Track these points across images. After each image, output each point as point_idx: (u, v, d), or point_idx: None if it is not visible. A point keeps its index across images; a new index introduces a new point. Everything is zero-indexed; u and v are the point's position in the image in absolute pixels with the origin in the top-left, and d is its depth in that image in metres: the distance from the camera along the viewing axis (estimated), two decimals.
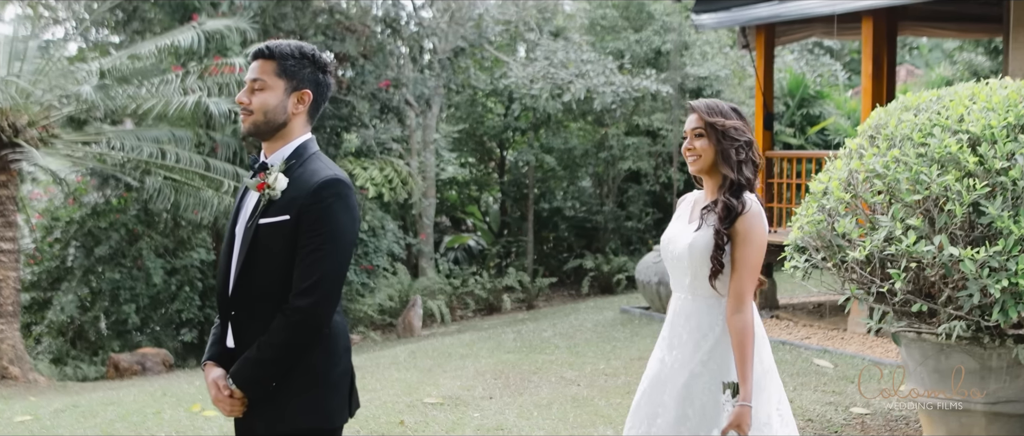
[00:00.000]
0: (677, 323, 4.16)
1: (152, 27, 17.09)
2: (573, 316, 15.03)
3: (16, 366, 13.57)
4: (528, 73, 18.04)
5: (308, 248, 3.47)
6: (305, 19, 17.60)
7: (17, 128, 13.59)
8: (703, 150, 4.04)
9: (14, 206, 14.02)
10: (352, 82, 18.13)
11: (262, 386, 3.54)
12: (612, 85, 17.53)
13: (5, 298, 13.79)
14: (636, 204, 20.92)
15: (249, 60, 3.72)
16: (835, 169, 6.40)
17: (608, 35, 20.50)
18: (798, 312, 12.86)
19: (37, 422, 8.35)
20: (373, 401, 8.63)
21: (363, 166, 17.33)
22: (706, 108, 4.08)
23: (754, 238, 3.96)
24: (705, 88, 19.23)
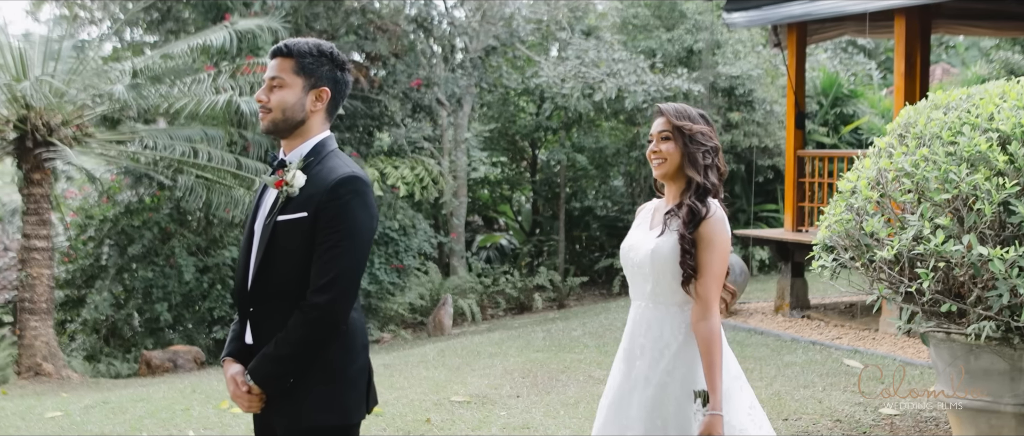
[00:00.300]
0: (637, 333, 4.06)
1: (186, 27, 17.22)
2: (603, 315, 14.99)
3: (50, 363, 13.71)
4: (559, 72, 18.01)
5: (326, 245, 3.48)
6: (337, 18, 17.66)
7: (51, 127, 13.72)
8: (669, 153, 3.96)
9: (48, 205, 14.16)
10: (384, 81, 18.18)
11: (280, 382, 3.55)
12: (643, 84, 17.47)
13: (39, 296, 13.93)
14: None
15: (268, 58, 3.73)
16: (864, 168, 6.35)
17: (640, 34, 20.43)
18: (829, 312, 12.78)
19: (67, 418, 8.43)
20: (400, 399, 8.65)
21: (394, 165, 17.37)
22: (674, 111, 4.01)
23: (718, 243, 3.90)
24: (737, 87, 19.15)
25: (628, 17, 20.89)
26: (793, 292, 12.90)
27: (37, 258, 13.96)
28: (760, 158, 19.86)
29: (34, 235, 13.99)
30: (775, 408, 7.77)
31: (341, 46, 17.17)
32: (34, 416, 8.58)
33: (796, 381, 8.80)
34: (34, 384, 13.21)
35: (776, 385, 8.64)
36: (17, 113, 13.81)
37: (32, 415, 8.64)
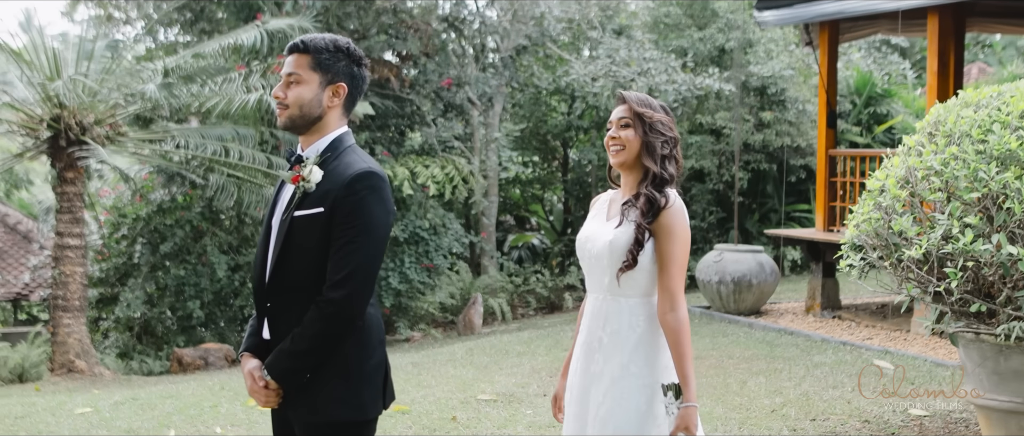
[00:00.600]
0: (595, 326, 3.93)
1: (219, 27, 17.33)
2: None
3: (82, 360, 13.82)
4: (589, 71, 17.97)
5: (342, 241, 3.48)
6: (368, 18, 17.70)
7: (84, 126, 13.83)
8: (628, 141, 3.85)
9: (81, 203, 14.29)
10: (415, 81, 18.21)
11: (296, 378, 3.56)
12: (674, 83, 17.40)
13: (72, 293, 14.05)
14: (700, 203, 20.76)
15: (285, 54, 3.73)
16: (892, 166, 6.29)
17: (672, 33, 20.36)
18: (861, 312, 12.68)
19: (97, 414, 8.48)
20: (427, 397, 8.65)
21: (425, 164, 17.39)
22: (636, 99, 3.91)
23: (678, 232, 3.79)
24: (769, 86, 19.05)
25: (660, 16, 20.82)
26: (824, 292, 12.81)
27: (70, 256, 14.08)
28: (792, 158, 19.74)
29: (67, 233, 14.11)
30: (803, 408, 7.71)
31: (372, 45, 17.22)
32: (64, 412, 8.65)
33: (825, 381, 8.73)
34: (67, 381, 13.33)
35: (805, 385, 8.57)
36: (51, 112, 13.94)
37: (62, 411, 8.71)
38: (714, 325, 12.65)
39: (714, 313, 13.32)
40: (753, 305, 13.23)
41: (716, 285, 13.20)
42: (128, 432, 7.69)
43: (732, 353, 10.41)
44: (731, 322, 12.68)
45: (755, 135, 19.24)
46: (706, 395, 8.30)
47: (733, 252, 13.41)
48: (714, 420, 7.48)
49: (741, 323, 12.50)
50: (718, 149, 20.10)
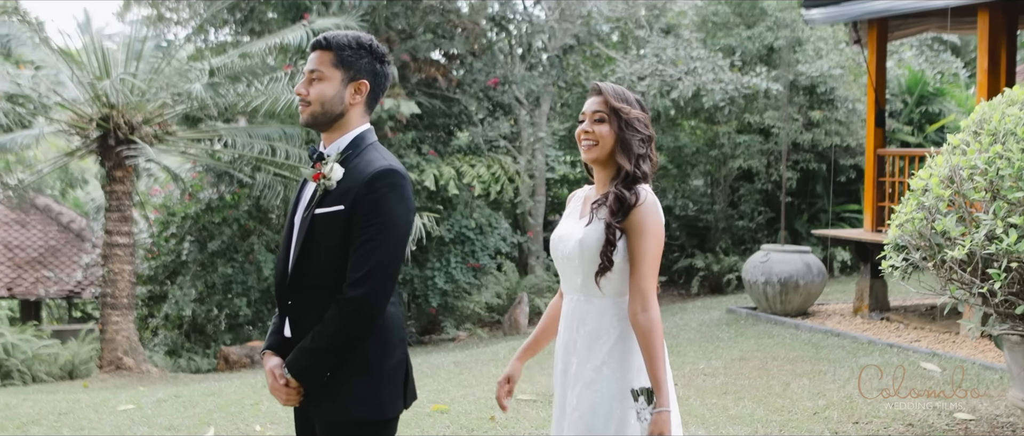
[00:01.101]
0: (571, 328, 3.80)
1: (270, 27, 17.43)
2: (679, 315, 14.86)
3: (130, 357, 13.97)
4: (635, 70, 17.86)
5: (361, 239, 3.46)
6: (415, 17, 17.74)
7: (132, 125, 13.98)
8: (602, 136, 3.69)
9: (130, 202, 14.44)
10: (462, 80, 18.22)
11: (316, 376, 3.55)
12: (721, 83, 17.26)
13: (120, 291, 14.20)
14: (748, 203, 20.60)
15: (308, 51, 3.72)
16: (936, 166, 6.20)
17: (720, 31, 20.21)
18: (909, 314, 12.49)
19: (139, 411, 8.55)
20: (467, 397, 8.64)
21: (471, 163, 17.39)
22: (613, 92, 3.74)
23: (651, 230, 3.63)
24: (818, 85, 18.84)
25: (708, 14, 20.67)
26: (872, 293, 12.64)
27: (119, 254, 14.24)
28: (842, 157, 19.52)
29: (116, 231, 14.27)
30: (846, 411, 7.61)
31: (418, 45, 17.25)
32: (107, 409, 8.73)
33: (870, 384, 8.61)
34: (115, 378, 13.47)
35: (849, 388, 8.46)
36: (100, 112, 14.09)
37: (105, 408, 8.79)
38: (760, 326, 12.53)
39: (760, 314, 13.19)
40: (800, 306, 13.09)
41: (762, 286, 13.07)
42: (168, 429, 7.75)
43: (776, 355, 10.31)
44: (777, 323, 12.56)
45: (804, 134, 19.04)
46: (748, 397, 8.22)
47: (780, 252, 13.28)
48: (755, 422, 7.40)
49: (787, 324, 12.37)
50: (767, 149, 19.93)
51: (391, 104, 16.16)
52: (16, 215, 22.11)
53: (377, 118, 16.20)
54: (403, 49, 17.35)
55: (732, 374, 9.33)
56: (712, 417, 7.59)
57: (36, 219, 22.41)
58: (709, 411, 7.79)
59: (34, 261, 21.31)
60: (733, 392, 8.47)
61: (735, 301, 15.58)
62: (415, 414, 8.00)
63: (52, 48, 14.47)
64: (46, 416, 8.40)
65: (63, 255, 21.62)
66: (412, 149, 17.43)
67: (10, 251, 21.58)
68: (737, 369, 9.59)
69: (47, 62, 14.42)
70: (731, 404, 8.00)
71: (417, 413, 8.03)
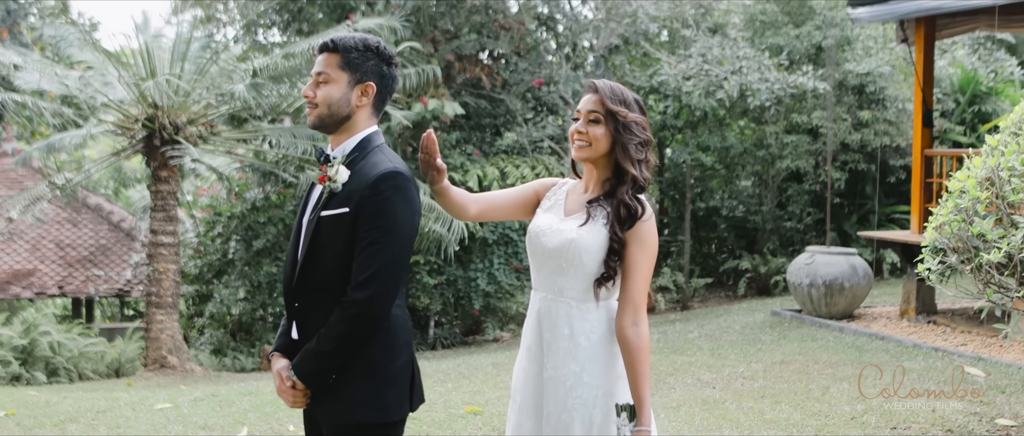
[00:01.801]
0: (544, 329, 3.68)
1: (317, 27, 17.50)
2: (723, 317, 14.73)
3: (174, 356, 14.08)
4: (680, 70, 17.72)
5: (366, 241, 3.45)
6: (460, 17, 17.73)
7: (177, 126, 14.09)
8: (597, 138, 3.57)
9: (175, 201, 14.57)
10: (507, 80, 18.19)
11: (321, 378, 3.55)
12: (767, 82, 17.07)
13: (165, 290, 14.33)
14: (796, 204, 20.38)
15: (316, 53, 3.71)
16: (974, 167, 6.07)
17: (768, 31, 20.01)
18: (957, 318, 12.28)
19: (175, 410, 8.60)
20: (502, 398, 8.60)
21: (515, 164, 17.34)
22: (611, 93, 3.61)
23: (649, 243, 3.55)
24: (867, 84, 18.59)
25: (755, 13, 20.48)
26: (919, 296, 12.43)
27: (164, 253, 14.36)
28: (892, 158, 19.27)
29: (161, 231, 14.40)
30: (884, 416, 7.48)
31: (463, 45, 17.24)
32: (145, 407, 8.78)
33: (910, 388, 8.46)
34: (159, 376, 13.59)
35: (889, 392, 8.31)
36: (145, 112, 14.22)
37: (143, 406, 8.84)
38: (804, 329, 12.39)
39: (805, 317, 13.04)
40: (845, 309, 12.91)
41: (807, 288, 12.92)
42: (203, 428, 7.78)
43: (818, 358, 10.17)
44: (821, 326, 12.40)
45: (853, 134, 18.80)
46: (785, 401, 8.11)
47: (825, 254, 13.11)
48: (790, 426, 7.29)
49: (831, 327, 12.21)
50: (815, 149, 19.72)
51: (435, 104, 16.17)
52: (68, 214, 22.40)
53: (421, 118, 16.22)
54: (448, 49, 17.35)
55: (771, 377, 9.22)
56: (747, 421, 7.50)
57: (87, 218, 22.68)
58: (744, 415, 7.70)
59: (85, 260, 21.55)
60: (771, 396, 8.36)
61: (781, 303, 15.42)
62: (448, 415, 7.98)
63: (99, 49, 14.61)
64: (84, 414, 8.47)
65: (113, 254, 21.84)
66: (456, 149, 17.42)
67: (61, 250, 21.85)
68: (777, 372, 9.48)
69: (95, 63, 14.58)
70: (768, 408, 7.90)
71: (450, 414, 8.01)
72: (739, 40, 18.32)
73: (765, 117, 19.51)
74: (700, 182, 22.12)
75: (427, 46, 17.41)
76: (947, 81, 20.02)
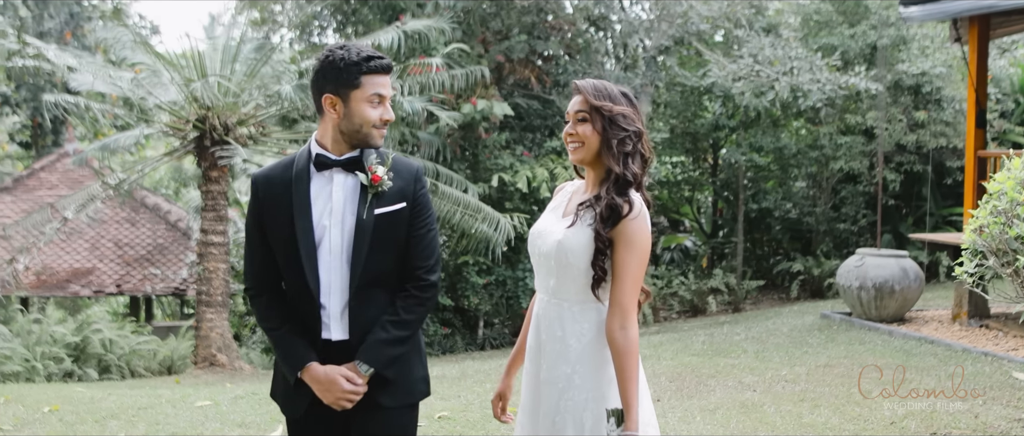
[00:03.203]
0: (541, 330, 3.66)
1: (371, 28, 17.59)
2: (772, 320, 14.59)
3: (223, 354, 14.23)
4: (729, 71, 17.55)
5: (423, 230, 3.73)
6: (511, 18, 17.73)
7: (227, 126, 14.22)
8: (586, 136, 3.53)
9: (225, 201, 14.71)
10: (556, 81, 18.16)
11: (398, 363, 3.72)
12: (818, 83, 16.86)
13: (215, 289, 14.47)
14: (850, 205, 20.14)
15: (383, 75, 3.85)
16: (1014, 168, 5.95)
17: (822, 30, 19.77)
18: (1011, 322, 12.03)
19: (215, 407, 8.68)
20: None
21: (564, 165, 17.29)
22: (593, 89, 3.57)
23: (639, 243, 3.46)
24: (923, 85, 18.31)
25: (809, 13, 20.25)
26: (972, 300, 12.20)
27: (214, 252, 14.51)
28: (949, 159, 18.96)
29: (211, 230, 14.55)
30: (925, 421, 7.35)
31: (512, 46, 17.24)
32: (185, 405, 8.87)
33: (910, 389, 8.35)
34: (208, 374, 13.73)
35: (932, 397, 8.18)
36: (196, 113, 14.38)
37: (184, 404, 8.94)
38: (852, 332, 12.22)
39: (854, 320, 12.87)
40: (896, 312, 12.72)
41: (856, 290, 12.74)
42: (239, 426, 7.85)
43: (864, 362, 10.02)
44: (871, 329, 12.23)
45: (908, 135, 18.53)
46: (825, 405, 8.01)
47: (875, 256, 12.92)
48: (827, 431, 7.21)
49: (881, 331, 12.04)
50: (869, 150, 19.46)
51: (484, 105, 16.18)
52: (126, 214, 22.74)
53: (470, 119, 16.24)
54: (498, 50, 17.36)
55: (814, 381, 9.11)
56: (783, 424, 7.41)
57: (145, 218, 23.01)
58: (781, 418, 7.61)
59: (142, 259, 21.86)
60: (810, 399, 8.26)
61: (833, 306, 15.24)
62: (482, 415, 7.98)
63: (151, 51, 14.79)
64: (126, 410, 8.58)
65: (170, 253, 22.13)
66: (506, 150, 17.42)
67: (120, 249, 22.17)
68: (820, 376, 9.36)
69: (148, 65, 14.76)
70: (806, 411, 7.81)
71: (485, 414, 8.01)
72: (791, 40, 18.11)
73: (819, 118, 19.31)
74: (754, 183, 21.93)
75: (477, 47, 17.43)
76: (1007, 81, 19.66)
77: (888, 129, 18.32)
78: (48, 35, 30.79)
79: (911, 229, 19.27)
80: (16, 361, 13.04)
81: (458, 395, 9.14)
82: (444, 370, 11.67)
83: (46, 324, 14.30)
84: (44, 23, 31.53)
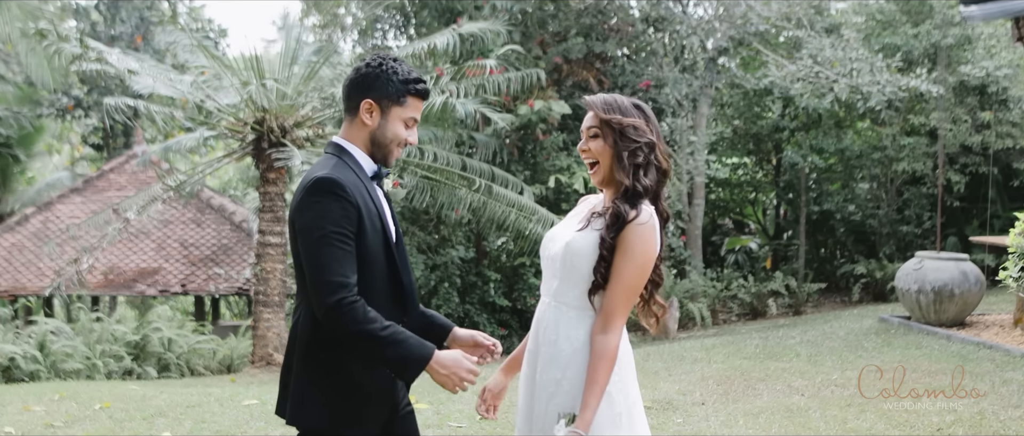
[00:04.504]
0: (538, 331, 3.65)
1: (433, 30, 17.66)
2: (830, 323, 14.42)
3: (280, 353, 14.36)
4: (787, 72, 17.34)
5: None
6: (569, 20, 17.71)
7: (285, 129, 14.36)
8: (599, 152, 3.53)
9: (282, 202, 14.85)
10: (615, 83, 18.10)
11: None
12: (878, 84, 16.59)
13: (272, 289, 14.63)
14: (914, 207, 19.83)
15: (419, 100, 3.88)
16: None
17: (884, 30, 19.47)
18: None
19: (260, 406, 8.78)
20: None
21: None
22: (603, 104, 3.54)
23: (637, 252, 3.42)
24: (989, 85, 17.95)
25: (872, 12, 19.96)
26: None
27: (271, 253, 14.67)
28: (1017, 160, 18.59)
29: (268, 231, 14.71)
30: (974, 427, 7.22)
31: (570, 47, 17.21)
32: (233, 403, 8.98)
33: (1008, 401, 8.16)
34: (264, 373, 13.88)
35: (983, 403, 8.02)
36: (255, 116, 14.55)
37: (232, 402, 9.05)
38: (910, 336, 12.04)
39: (913, 324, 12.67)
40: (955, 316, 12.50)
41: (915, 294, 12.54)
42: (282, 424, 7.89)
43: (918, 366, 9.86)
44: (929, 334, 12.03)
45: (974, 136, 18.20)
46: (872, 410, 7.91)
47: (934, 260, 12.70)
48: None
49: (939, 335, 11.83)
50: (933, 151, 19.15)
51: (541, 106, 16.17)
52: (192, 214, 23.07)
53: (527, 121, 16.25)
54: (556, 51, 17.35)
55: (865, 385, 8.98)
56: (827, 429, 7.33)
57: (210, 218, 23.31)
58: (826, 423, 7.52)
59: (207, 259, 22.15)
60: (858, 404, 8.15)
61: (894, 310, 15.02)
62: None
63: (209, 54, 14.99)
64: (174, 408, 8.71)
65: (234, 253, 22.40)
66: (563, 152, 17.40)
67: (185, 249, 22.50)
68: (871, 380, 9.22)
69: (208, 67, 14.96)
70: (852, 417, 7.71)
71: None
72: (852, 41, 17.85)
73: (881, 119, 19.04)
74: (816, 185, 21.68)
75: (535, 49, 17.43)
76: None
77: (953, 130, 18.00)
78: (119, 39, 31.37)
79: (976, 231, 18.91)
80: (77, 359, 13.30)
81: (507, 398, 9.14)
82: None
83: (107, 322, 14.57)
84: (116, 27, 32.13)
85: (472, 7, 17.01)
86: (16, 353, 12.79)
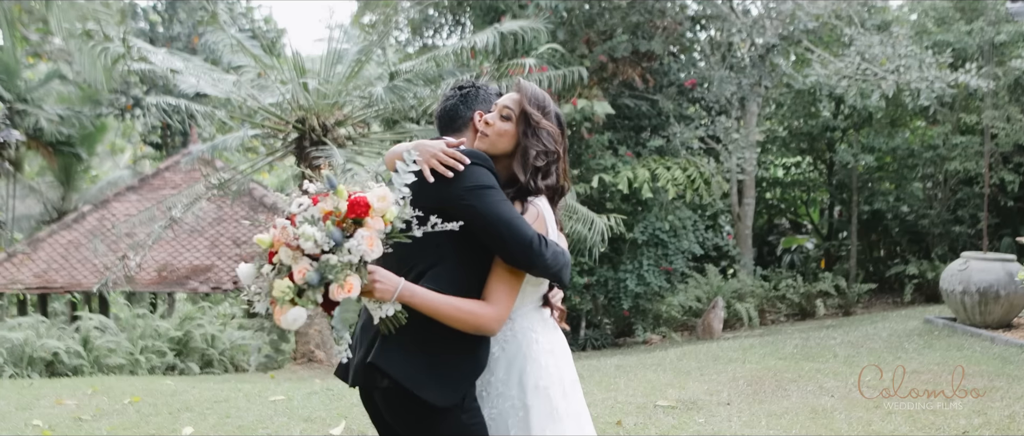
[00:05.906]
0: None
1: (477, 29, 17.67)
2: (876, 324, 14.21)
3: (321, 351, 14.46)
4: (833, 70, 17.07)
5: None
6: (615, 18, 17.62)
7: (326, 128, 14.43)
8: (498, 133, 3.44)
9: None
10: (660, 81, 17.97)
11: None
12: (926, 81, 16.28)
13: None
14: (967, 207, 19.47)
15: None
16: None
17: (937, 27, 19.14)
18: None
19: (287, 402, 8.83)
20: (606, 400, 8.52)
21: (666, 166, 17.07)
22: (531, 96, 3.48)
23: None
24: None
25: (925, 8, 19.63)
26: None
27: None
28: None
29: None
30: (1000, 429, 7.07)
31: (615, 45, 17.12)
32: (260, 399, 9.05)
33: (910, 389, 8.03)
34: (305, 370, 13.97)
35: (1016, 407, 7.84)
36: (297, 115, 14.63)
37: (259, 398, 9.11)
38: (953, 338, 11.83)
39: (957, 325, 12.44)
40: (1001, 318, 12.26)
41: (960, 295, 12.32)
42: (305, 420, 7.96)
43: (957, 369, 9.67)
44: (972, 335, 11.82)
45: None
46: (900, 412, 7.76)
47: (980, 260, 12.47)
48: None
49: (982, 337, 11.61)
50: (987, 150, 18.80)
51: (584, 104, 16.10)
52: (245, 212, 23.30)
53: (571, 120, 16.19)
54: (601, 50, 17.26)
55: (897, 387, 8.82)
56: (850, 431, 7.21)
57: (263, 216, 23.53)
58: (849, 425, 7.40)
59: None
60: (886, 406, 8.01)
61: (941, 311, 14.76)
62: None
63: (249, 54, 15.08)
64: (201, 404, 8.79)
65: None
66: (608, 150, 17.32)
67: (238, 246, 22.73)
68: (909, 382, 9.06)
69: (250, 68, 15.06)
70: (878, 419, 7.57)
71: None
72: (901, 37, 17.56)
73: (933, 117, 18.73)
74: (868, 184, 21.39)
75: (580, 48, 17.36)
76: None
77: (1006, 129, 17.63)
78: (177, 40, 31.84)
79: None
80: (120, 354, 13.49)
81: None
82: None
83: (150, 318, 14.74)
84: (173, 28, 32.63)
85: (516, 5, 16.98)
86: (59, 348, 12.99)
